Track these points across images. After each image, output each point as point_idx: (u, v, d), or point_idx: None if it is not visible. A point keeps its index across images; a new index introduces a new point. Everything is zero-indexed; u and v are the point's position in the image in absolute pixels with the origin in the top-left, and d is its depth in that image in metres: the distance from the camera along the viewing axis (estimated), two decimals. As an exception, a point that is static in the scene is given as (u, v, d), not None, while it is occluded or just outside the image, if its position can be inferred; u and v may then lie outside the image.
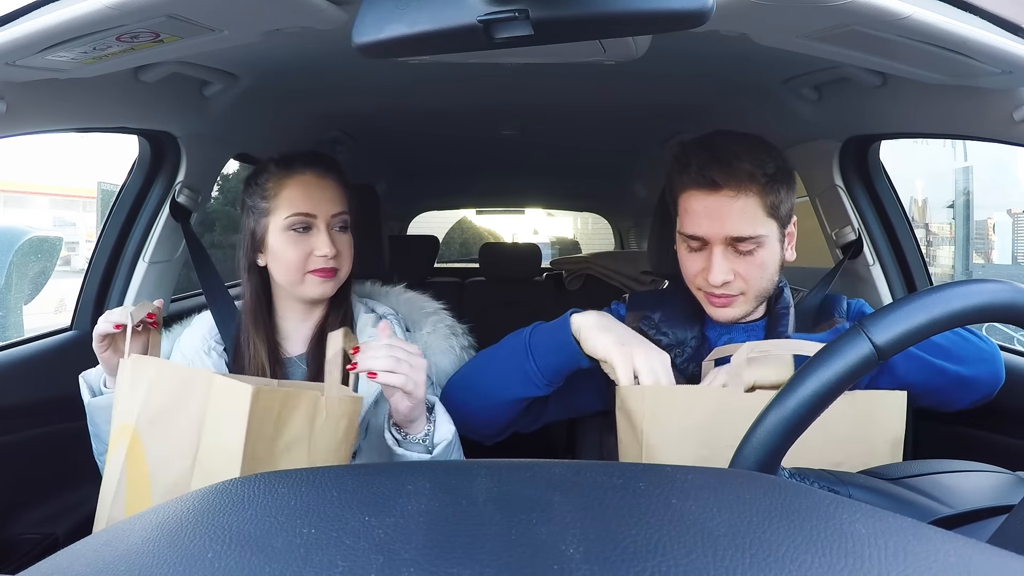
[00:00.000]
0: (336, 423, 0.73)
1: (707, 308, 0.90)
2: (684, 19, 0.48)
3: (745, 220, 0.84)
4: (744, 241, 0.84)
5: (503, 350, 0.91)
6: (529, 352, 0.86)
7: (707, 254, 0.86)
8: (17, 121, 0.86)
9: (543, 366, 0.86)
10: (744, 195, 0.83)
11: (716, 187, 0.83)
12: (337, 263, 0.92)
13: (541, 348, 0.86)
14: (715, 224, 0.84)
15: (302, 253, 0.90)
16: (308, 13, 0.71)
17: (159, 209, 1.27)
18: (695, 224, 0.86)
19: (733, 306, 0.88)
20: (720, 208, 0.84)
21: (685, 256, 0.90)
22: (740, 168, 0.83)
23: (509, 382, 0.88)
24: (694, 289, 0.91)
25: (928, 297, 0.49)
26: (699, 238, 0.86)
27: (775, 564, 0.28)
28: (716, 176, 0.83)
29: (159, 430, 0.68)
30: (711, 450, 0.74)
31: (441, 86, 1.35)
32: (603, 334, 0.82)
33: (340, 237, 0.93)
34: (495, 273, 2.65)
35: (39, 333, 1.21)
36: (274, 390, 0.69)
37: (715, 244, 0.85)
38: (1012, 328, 1.64)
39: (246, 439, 0.64)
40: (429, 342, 1.00)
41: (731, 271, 0.85)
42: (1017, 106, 0.81)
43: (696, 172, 0.84)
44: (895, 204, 1.26)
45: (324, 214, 0.91)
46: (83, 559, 0.30)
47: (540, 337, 0.87)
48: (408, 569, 0.28)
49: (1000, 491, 0.55)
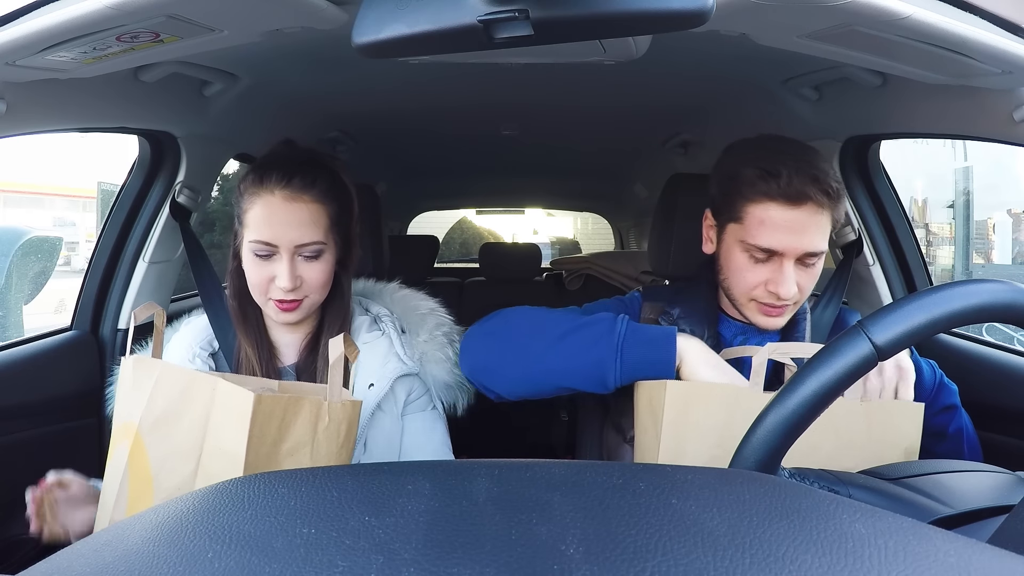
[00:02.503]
0: (338, 427, 0.73)
1: (755, 318, 0.88)
2: (684, 19, 0.48)
3: (820, 236, 0.82)
4: (814, 256, 0.83)
5: (578, 337, 0.83)
6: (619, 355, 0.80)
7: (775, 267, 0.83)
8: (17, 121, 0.86)
9: (628, 374, 0.81)
10: (824, 211, 0.81)
11: (804, 201, 0.80)
12: (300, 294, 0.84)
13: (634, 356, 0.81)
14: (794, 239, 0.81)
15: (264, 278, 0.83)
16: (308, 13, 0.71)
17: (159, 209, 1.27)
18: (771, 237, 0.82)
19: (786, 314, 0.87)
20: (802, 223, 0.81)
21: (745, 265, 0.86)
22: (828, 184, 0.80)
23: (576, 372, 0.82)
24: (744, 299, 0.88)
25: (928, 297, 0.49)
26: (772, 251, 0.83)
27: (775, 564, 0.28)
28: (809, 190, 0.80)
29: (162, 433, 0.68)
30: (724, 449, 0.74)
31: (441, 86, 1.35)
32: (715, 372, 0.79)
33: (308, 266, 0.84)
34: (495, 273, 2.65)
35: (39, 333, 1.21)
36: (277, 396, 0.69)
37: (789, 258, 0.82)
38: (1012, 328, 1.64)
39: (248, 444, 0.64)
40: (426, 351, 0.94)
41: (796, 283, 0.83)
42: (1017, 106, 0.81)
43: (787, 183, 0.80)
44: (895, 204, 1.26)
45: (287, 244, 0.82)
46: (83, 559, 0.30)
47: (635, 347, 0.81)
48: (408, 569, 0.28)
49: (1000, 491, 0.55)
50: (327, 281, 0.87)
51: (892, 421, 0.76)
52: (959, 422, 0.88)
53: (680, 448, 0.76)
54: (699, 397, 0.76)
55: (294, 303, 0.84)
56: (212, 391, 0.67)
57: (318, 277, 0.85)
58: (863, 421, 0.75)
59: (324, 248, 0.85)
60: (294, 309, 0.85)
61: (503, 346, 0.87)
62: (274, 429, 0.67)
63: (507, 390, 0.86)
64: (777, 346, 0.76)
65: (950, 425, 0.87)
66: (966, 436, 0.89)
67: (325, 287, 0.87)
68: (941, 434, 0.87)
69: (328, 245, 0.86)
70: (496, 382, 0.87)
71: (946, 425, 0.87)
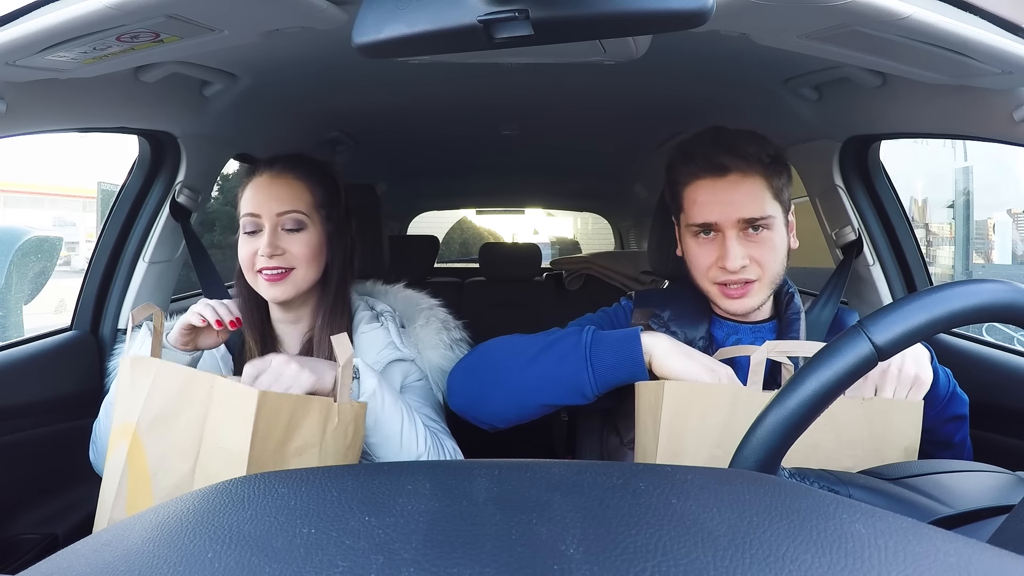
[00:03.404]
0: (346, 428, 0.74)
1: (720, 302, 0.89)
2: (684, 19, 0.48)
3: (755, 201, 0.85)
4: (755, 222, 0.85)
5: (548, 355, 0.85)
6: (588, 364, 0.82)
7: (719, 242, 0.86)
8: (17, 121, 0.86)
9: (602, 381, 0.82)
10: (751, 177, 0.85)
11: (724, 171, 0.84)
12: (284, 263, 0.89)
13: (603, 363, 0.82)
14: (726, 208, 0.85)
15: (251, 252, 0.89)
16: (308, 13, 0.71)
17: (159, 209, 1.27)
18: (706, 212, 0.86)
19: (749, 295, 0.87)
20: (729, 191, 0.85)
21: (695, 249, 0.89)
22: (745, 150, 0.84)
23: (551, 388, 0.84)
24: (707, 284, 0.90)
25: (928, 297, 0.49)
26: (710, 225, 0.86)
27: (775, 564, 0.28)
28: (723, 159, 0.84)
29: (160, 432, 0.68)
30: (724, 449, 0.74)
31: (441, 86, 1.35)
32: (686, 360, 0.80)
33: (289, 237, 0.89)
34: (495, 273, 2.64)
35: (39, 333, 1.21)
36: (284, 394, 0.69)
37: (727, 229, 0.85)
38: (1012, 328, 1.64)
39: (252, 442, 0.64)
40: (421, 335, 1.00)
41: (746, 256, 0.85)
42: (1017, 106, 0.81)
43: (702, 159, 0.85)
44: (895, 204, 1.26)
45: (268, 213, 0.89)
46: (83, 559, 0.30)
47: (602, 351, 0.82)
48: (408, 569, 0.28)
49: (1000, 491, 0.55)
50: (311, 256, 0.91)
51: (892, 420, 0.76)
52: (964, 432, 0.89)
53: (679, 448, 0.75)
54: (698, 397, 0.76)
55: (280, 274, 0.88)
56: (210, 389, 0.67)
57: (300, 249, 0.90)
58: (863, 420, 0.75)
59: (306, 221, 0.90)
60: (280, 280, 0.89)
61: (483, 378, 0.89)
62: (281, 427, 0.67)
63: (495, 418, 0.89)
64: (775, 345, 0.76)
65: (956, 435, 0.88)
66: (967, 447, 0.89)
67: (310, 262, 0.91)
68: (947, 443, 0.87)
69: (311, 220, 0.91)
70: (483, 413, 0.89)
71: (953, 435, 0.87)
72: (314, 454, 0.70)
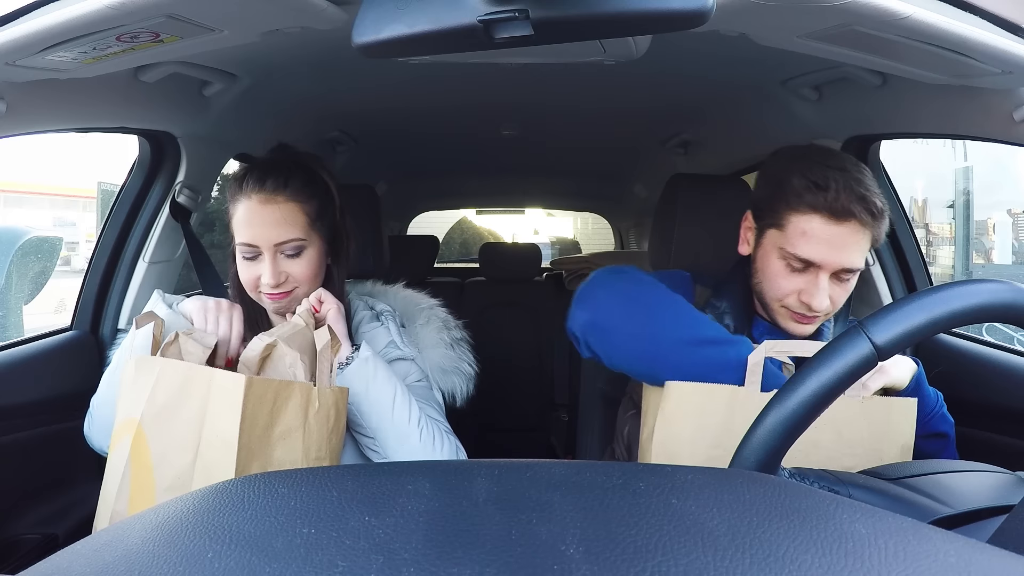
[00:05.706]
0: (327, 413, 0.76)
1: (784, 323, 0.88)
2: (684, 19, 0.48)
3: (859, 253, 0.82)
4: (850, 272, 0.83)
5: (708, 353, 0.80)
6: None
7: (810, 278, 0.83)
8: (17, 121, 0.86)
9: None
10: (865, 231, 0.81)
11: (848, 217, 0.80)
12: (288, 287, 0.89)
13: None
14: (834, 253, 0.81)
15: (253, 277, 0.89)
16: (308, 13, 0.71)
17: (159, 209, 1.27)
18: (812, 249, 0.82)
19: (813, 324, 0.87)
20: (843, 239, 0.81)
21: (781, 273, 0.86)
22: (874, 204, 0.80)
23: (690, 378, 0.79)
24: (776, 304, 0.87)
25: (928, 297, 0.49)
26: (810, 262, 0.83)
27: (775, 564, 0.28)
28: (855, 207, 0.79)
29: (163, 426, 0.70)
30: (723, 449, 0.74)
31: (441, 86, 1.35)
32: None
33: (290, 262, 0.89)
34: (495, 273, 2.64)
35: (39, 333, 1.21)
36: (267, 379, 0.71)
37: (825, 271, 0.82)
38: (1012, 328, 1.64)
39: (241, 427, 0.67)
40: (421, 335, 1.01)
41: (829, 297, 0.83)
42: (1017, 106, 0.81)
43: (834, 197, 0.79)
44: (895, 204, 1.26)
45: (267, 243, 0.87)
46: (83, 559, 0.30)
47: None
48: (408, 569, 0.28)
49: (1000, 491, 0.55)
50: (313, 274, 0.91)
51: (889, 419, 0.77)
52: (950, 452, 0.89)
53: (677, 448, 0.76)
54: (697, 396, 0.76)
55: (284, 294, 0.90)
56: (209, 382, 0.69)
57: (302, 271, 0.90)
58: (862, 419, 0.76)
59: (305, 244, 0.89)
60: (285, 299, 0.90)
61: (631, 317, 0.82)
62: (266, 413, 0.70)
63: (612, 358, 0.83)
64: (775, 344, 0.76)
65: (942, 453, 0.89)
66: None
67: (312, 279, 0.91)
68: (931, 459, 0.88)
69: (310, 240, 0.90)
70: (606, 346, 0.83)
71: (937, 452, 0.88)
72: (298, 438, 0.73)
